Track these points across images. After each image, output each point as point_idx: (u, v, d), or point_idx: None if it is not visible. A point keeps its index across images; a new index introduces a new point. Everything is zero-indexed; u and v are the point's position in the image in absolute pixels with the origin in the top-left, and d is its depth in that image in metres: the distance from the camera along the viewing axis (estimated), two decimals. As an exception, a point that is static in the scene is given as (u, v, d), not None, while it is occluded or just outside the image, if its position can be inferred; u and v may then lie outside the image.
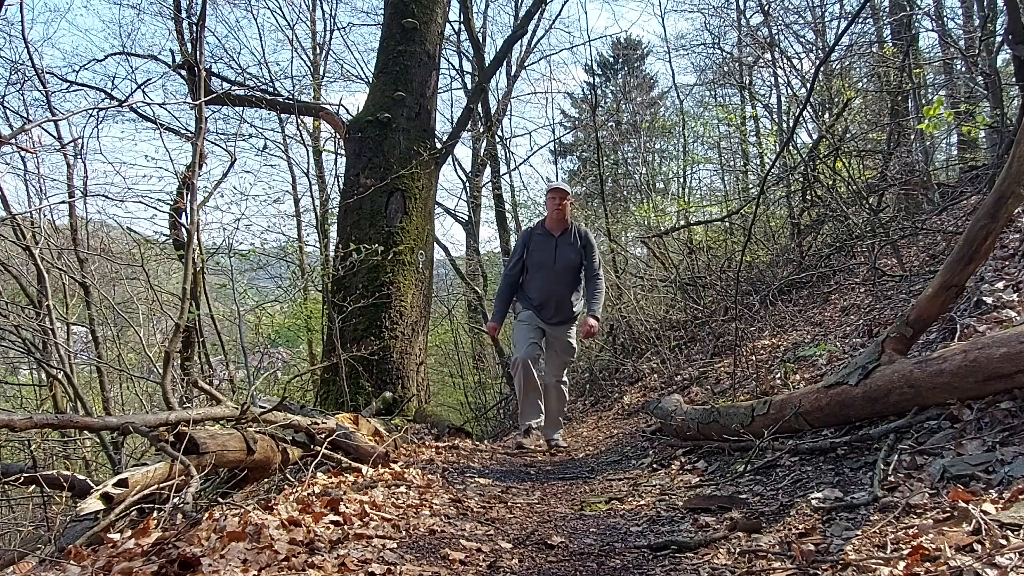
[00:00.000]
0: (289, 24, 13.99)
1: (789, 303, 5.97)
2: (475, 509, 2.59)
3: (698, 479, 2.84)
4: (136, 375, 7.32)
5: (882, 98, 7.58)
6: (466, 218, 13.82)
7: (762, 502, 2.22)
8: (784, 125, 8.67)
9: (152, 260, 7.38)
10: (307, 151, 11.83)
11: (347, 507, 2.27)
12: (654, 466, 3.33)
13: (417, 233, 6.21)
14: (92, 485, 2.44)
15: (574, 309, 4.80)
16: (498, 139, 13.14)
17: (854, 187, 6.13)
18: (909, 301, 3.80)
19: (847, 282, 5.62)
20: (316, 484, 2.71)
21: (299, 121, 10.37)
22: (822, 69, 6.24)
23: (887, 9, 8.65)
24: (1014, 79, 5.20)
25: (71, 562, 1.77)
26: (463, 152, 36.75)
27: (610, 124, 14.97)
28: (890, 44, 7.46)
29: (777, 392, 3.50)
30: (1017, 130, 2.66)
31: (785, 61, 8.04)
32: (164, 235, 7.07)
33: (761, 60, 9.85)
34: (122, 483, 2.34)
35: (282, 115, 9.96)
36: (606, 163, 13.58)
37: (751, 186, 10.36)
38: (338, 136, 7.94)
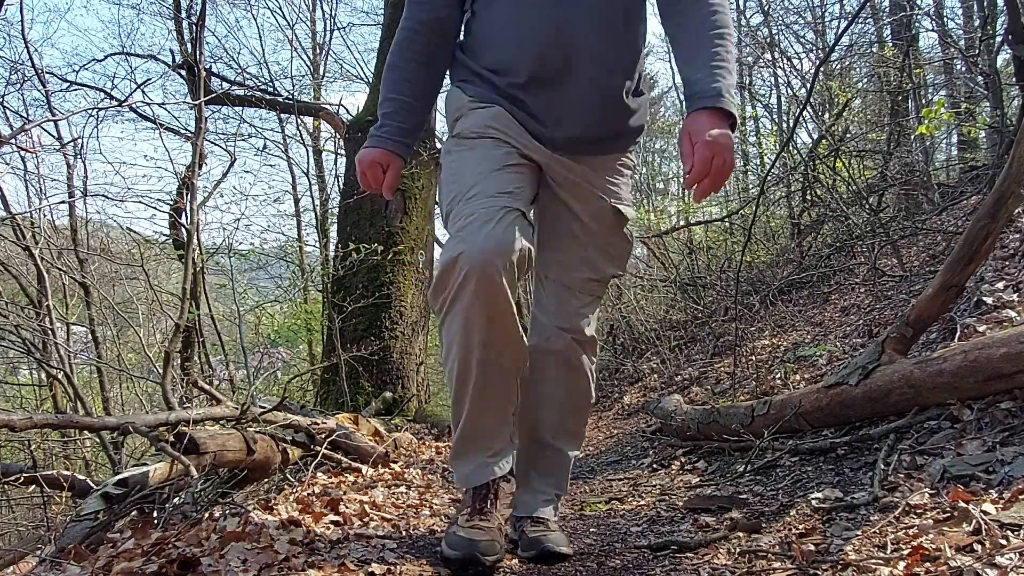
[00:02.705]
0: (289, 24, 14.02)
1: (789, 303, 5.97)
2: (475, 509, 2.59)
3: (698, 479, 2.84)
4: (136, 375, 7.33)
5: (882, 98, 7.59)
6: (466, 218, 13.78)
7: (762, 502, 2.21)
8: (784, 125, 8.67)
9: (152, 260, 7.39)
10: (307, 151, 11.86)
11: (347, 507, 2.27)
12: (654, 466, 3.33)
13: (417, 233, 6.21)
14: (92, 485, 2.45)
15: (631, 109, 1.60)
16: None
17: (854, 187, 6.13)
18: (909, 301, 3.79)
19: (847, 282, 5.62)
20: (316, 484, 2.71)
21: (299, 121, 10.40)
22: (822, 69, 6.23)
23: (887, 9, 8.65)
24: (1014, 79, 5.20)
25: (71, 562, 1.77)
26: (463, 152, 36.60)
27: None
28: (890, 44, 7.46)
29: (777, 392, 3.50)
30: (1017, 130, 2.66)
31: (785, 61, 8.06)
32: (164, 235, 7.10)
33: (761, 60, 9.85)
34: (122, 483, 2.35)
35: (282, 115, 9.96)
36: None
37: (751, 186, 10.36)
38: (338, 136, 7.95)
